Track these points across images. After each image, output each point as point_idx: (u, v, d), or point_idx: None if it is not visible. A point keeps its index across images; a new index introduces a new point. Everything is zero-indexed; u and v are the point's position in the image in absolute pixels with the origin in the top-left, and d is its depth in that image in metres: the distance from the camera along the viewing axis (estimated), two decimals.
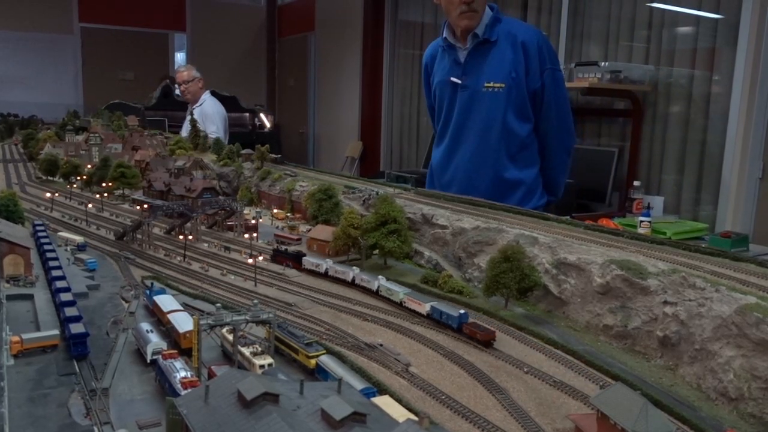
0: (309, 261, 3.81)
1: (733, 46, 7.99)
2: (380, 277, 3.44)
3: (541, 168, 5.57)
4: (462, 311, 2.88)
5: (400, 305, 3.20)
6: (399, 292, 3.24)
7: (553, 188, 5.69)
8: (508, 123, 5.34)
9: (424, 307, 3.02)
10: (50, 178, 6.88)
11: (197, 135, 7.82)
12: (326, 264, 3.71)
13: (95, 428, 2.04)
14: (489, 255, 3.37)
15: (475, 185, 5.37)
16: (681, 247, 3.06)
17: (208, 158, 6.86)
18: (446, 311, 2.90)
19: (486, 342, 2.72)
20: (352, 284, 3.55)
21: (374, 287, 3.40)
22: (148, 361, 2.51)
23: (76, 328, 2.61)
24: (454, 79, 5.54)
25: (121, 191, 6.07)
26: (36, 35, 17.39)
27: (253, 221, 4.75)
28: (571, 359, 2.61)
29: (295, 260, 3.88)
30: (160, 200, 5.33)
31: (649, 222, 6.71)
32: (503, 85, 5.29)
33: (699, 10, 8.43)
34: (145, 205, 4.98)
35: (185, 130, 9.87)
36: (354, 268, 3.61)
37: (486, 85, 5.35)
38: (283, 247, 4.11)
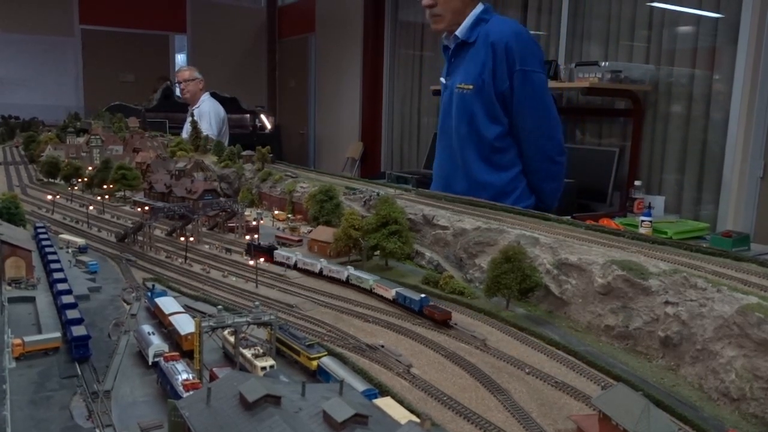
0: (280, 254, 3.98)
1: (733, 45, 7.99)
2: (349, 267, 3.61)
3: (523, 173, 5.45)
4: (423, 296, 3.12)
5: (370, 292, 3.41)
6: (368, 279, 3.44)
7: (541, 196, 5.49)
8: (477, 125, 5.27)
9: (391, 293, 3.27)
10: (51, 180, 6.88)
11: (198, 136, 7.83)
12: (295, 257, 3.89)
13: (97, 430, 2.04)
14: (490, 256, 3.37)
15: (451, 186, 5.38)
16: (682, 247, 3.06)
17: (209, 160, 6.87)
18: (409, 296, 3.16)
19: (443, 321, 2.97)
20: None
21: (343, 277, 3.58)
22: (150, 363, 2.51)
23: (78, 331, 2.61)
24: (441, 79, 5.67)
25: (122, 193, 6.07)
26: (37, 38, 17.42)
27: (254, 223, 4.76)
28: (573, 360, 2.60)
29: (267, 254, 4.02)
30: (161, 202, 5.33)
31: (650, 222, 6.71)
32: (472, 87, 5.23)
33: (699, 9, 8.44)
34: (146, 207, 4.99)
35: (186, 132, 9.89)
36: (321, 259, 3.79)
37: (458, 86, 5.34)
38: (257, 242, 4.24)
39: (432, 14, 5.36)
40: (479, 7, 5.36)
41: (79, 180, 6.50)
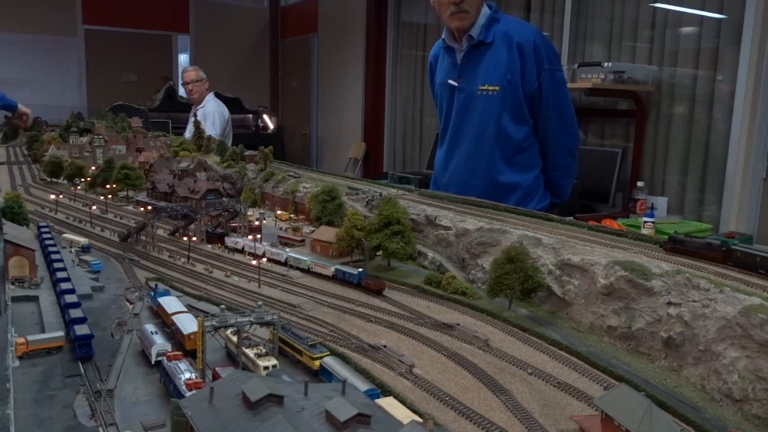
0: (230, 240, 4.39)
1: (736, 46, 7.97)
2: (287, 249, 3.93)
3: (543, 170, 5.50)
4: (360, 270, 3.50)
5: (308, 271, 3.77)
6: (306, 260, 3.80)
7: (558, 191, 5.60)
8: (503, 126, 5.26)
9: (330, 270, 3.62)
10: (54, 180, 6.90)
11: (201, 136, 7.84)
12: (243, 241, 4.28)
13: (100, 429, 2.05)
14: (492, 256, 3.37)
15: (471, 188, 5.30)
16: None
17: (212, 160, 6.88)
18: (348, 271, 3.53)
19: (377, 290, 3.36)
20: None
21: (283, 258, 3.92)
22: (153, 362, 2.52)
23: (81, 330, 2.62)
24: (451, 82, 5.53)
25: (125, 193, 6.08)
26: (40, 38, 17.44)
27: (257, 223, 4.76)
28: (575, 360, 2.61)
29: (220, 240, 4.45)
30: (164, 202, 5.34)
31: (653, 223, 6.70)
32: (497, 88, 5.21)
33: (702, 10, 8.42)
34: (149, 207, 5.00)
35: (189, 132, 9.90)
36: (265, 243, 4.14)
37: (480, 88, 5.29)
38: (212, 228, 4.63)
39: (460, 10, 5.21)
40: (488, 7, 5.36)
41: (82, 180, 6.51)
